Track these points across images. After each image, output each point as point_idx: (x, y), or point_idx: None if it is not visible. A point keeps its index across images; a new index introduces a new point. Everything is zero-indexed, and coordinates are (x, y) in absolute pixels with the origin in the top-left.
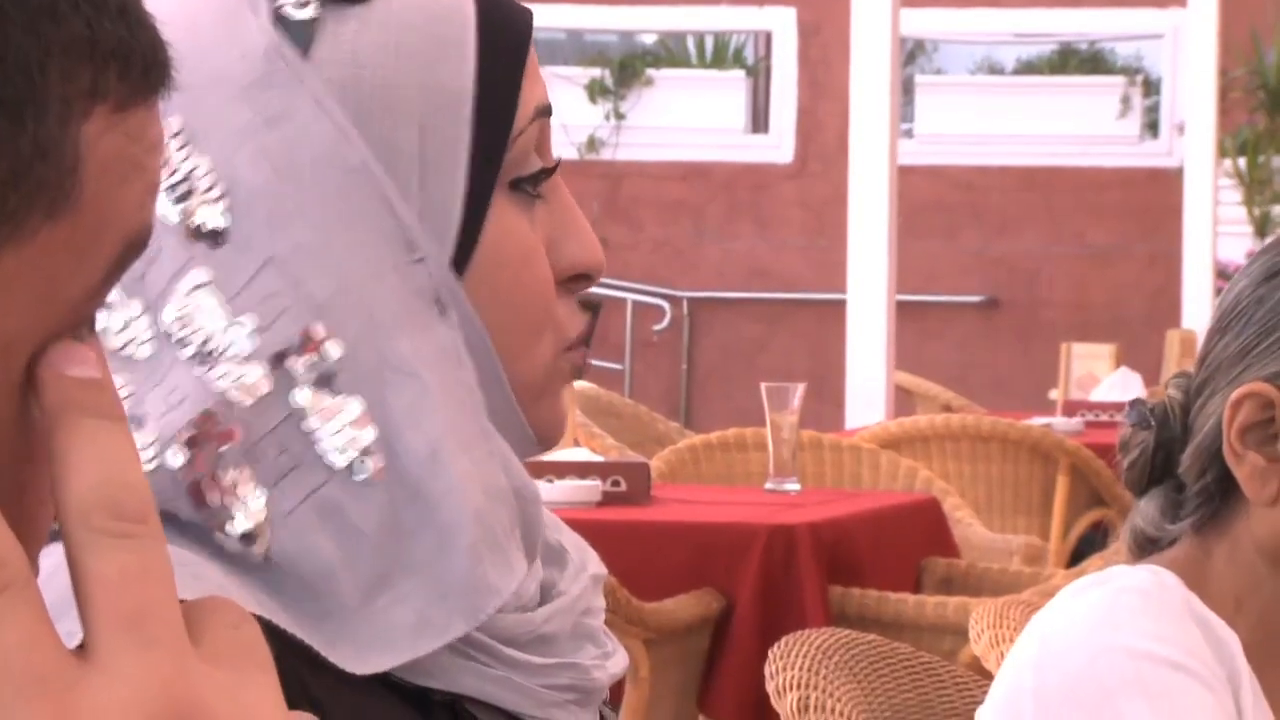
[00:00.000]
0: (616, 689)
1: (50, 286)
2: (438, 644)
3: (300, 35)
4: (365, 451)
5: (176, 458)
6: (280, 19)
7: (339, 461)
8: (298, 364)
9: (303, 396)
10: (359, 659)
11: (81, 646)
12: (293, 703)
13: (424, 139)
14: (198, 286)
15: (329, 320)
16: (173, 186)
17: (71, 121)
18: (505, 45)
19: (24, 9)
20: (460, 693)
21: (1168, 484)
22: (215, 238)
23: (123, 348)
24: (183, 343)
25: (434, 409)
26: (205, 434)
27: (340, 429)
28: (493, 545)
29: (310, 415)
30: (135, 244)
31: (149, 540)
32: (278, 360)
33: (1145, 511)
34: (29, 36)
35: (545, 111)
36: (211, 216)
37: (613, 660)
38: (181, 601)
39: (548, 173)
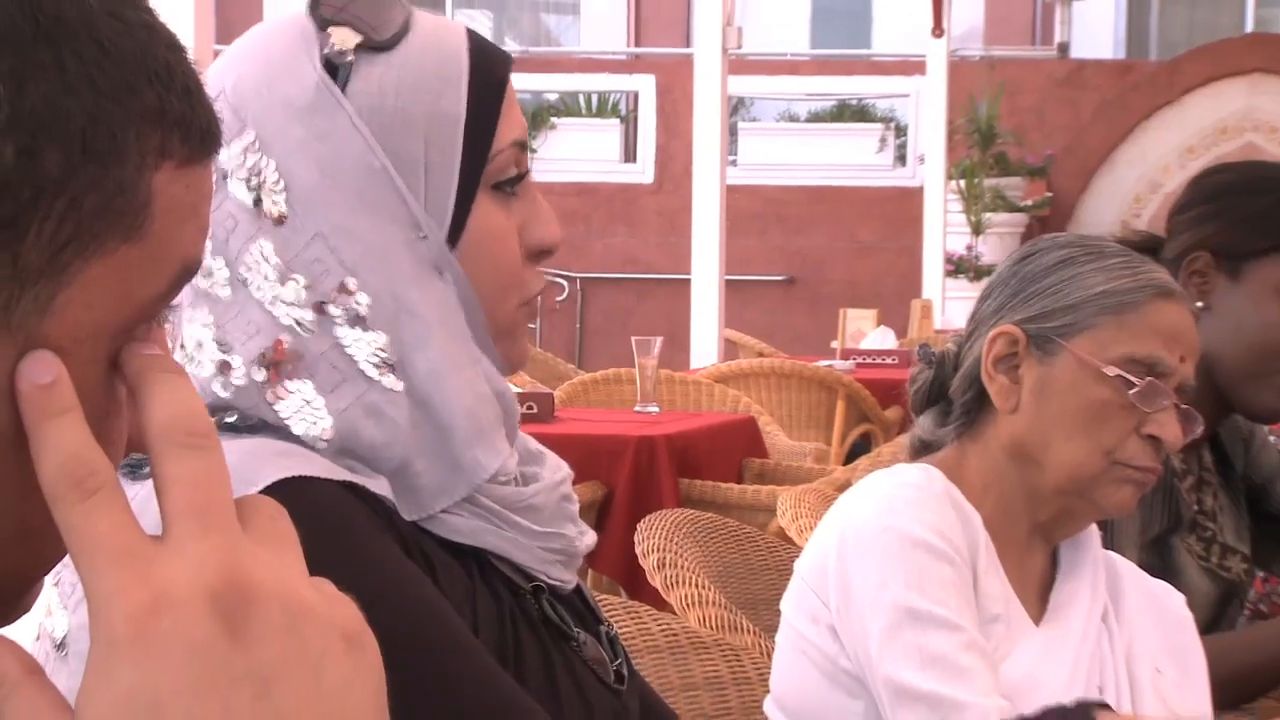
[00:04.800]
0: None
1: (127, 291)
2: (449, 502)
3: (341, 74)
4: (390, 368)
5: (260, 374)
6: (327, 61)
7: (374, 374)
8: (336, 309)
9: (342, 331)
10: (408, 508)
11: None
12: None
13: (428, 150)
14: (265, 251)
15: (358, 277)
16: (248, 178)
17: (145, 171)
18: (489, 83)
19: (111, 84)
20: (484, 548)
21: (940, 405)
22: (278, 218)
23: (210, 289)
24: (255, 288)
25: (432, 341)
26: (278, 355)
27: (373, 352)
28: (480, 434)
29: (350, 344)
30: (189, 268)
31: (212, 452)
32: (320, 306)
33: (923, 424)
34: (115, 105)
35: (520, 144)
36: (276, 203)
37: (586, 537)
38: (238, 498)
39: (520, 177)
